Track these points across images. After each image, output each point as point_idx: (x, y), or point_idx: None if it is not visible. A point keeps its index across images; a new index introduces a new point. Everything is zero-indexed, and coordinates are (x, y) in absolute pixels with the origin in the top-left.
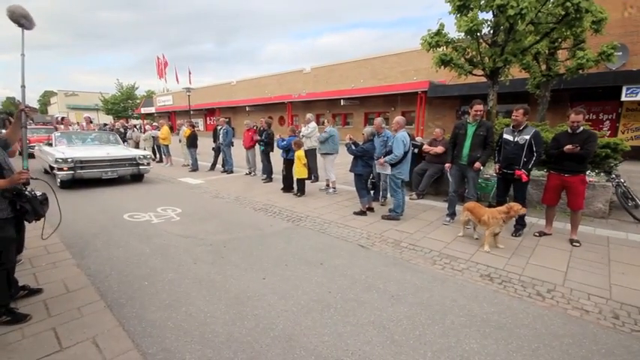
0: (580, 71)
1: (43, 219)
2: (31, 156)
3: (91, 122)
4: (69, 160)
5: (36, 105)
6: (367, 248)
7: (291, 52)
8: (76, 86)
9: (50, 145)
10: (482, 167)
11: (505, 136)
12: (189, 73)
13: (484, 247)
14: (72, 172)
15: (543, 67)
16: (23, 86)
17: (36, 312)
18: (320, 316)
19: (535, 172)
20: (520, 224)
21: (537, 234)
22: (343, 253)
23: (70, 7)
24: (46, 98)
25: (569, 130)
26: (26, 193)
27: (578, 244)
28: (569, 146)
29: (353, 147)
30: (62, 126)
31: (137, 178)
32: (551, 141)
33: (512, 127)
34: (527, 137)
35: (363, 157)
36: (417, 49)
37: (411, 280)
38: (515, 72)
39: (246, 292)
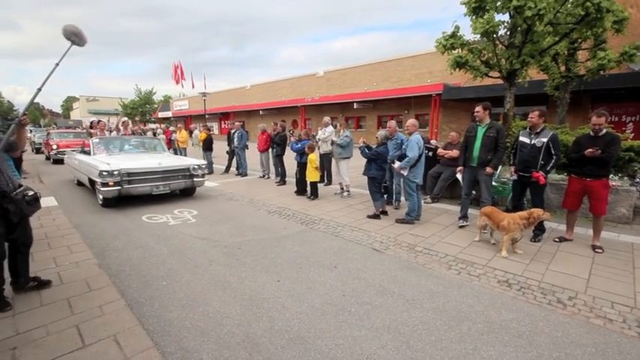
0: (601, 72)
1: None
2: (59, 162)
3: (129, 126)
4: (115, 172)
5: (59, 110)
6: (381, 252)
7: (305, 56)
8: (97, 92)
9: (86, 152)
10: (495, 172)
11: (521, 138)
12: (204, 78)
13: (502, 253)
14: (118, 187)
15: (562, 68)
16: (39, 89)
17: (60, 309)
18: (334, 319)
19: (555, 176)
20: (539, 229)
21: (557, 239)
22: (357, 256)
23: (93, 15)
24: (68, 103)
25: (592, 133)
26: (12, 194)
27: (600, 251)
28: (590, 149)
29: (366, 150)
30: (98, 131)
31: (188, 192)
32: (573, 144)
33: (529, 129)
34: (545, 140)
35: (376, 161)
36: (431, 52)
37: (426, 284)
38: (533, 73)
39: (260, 294)
